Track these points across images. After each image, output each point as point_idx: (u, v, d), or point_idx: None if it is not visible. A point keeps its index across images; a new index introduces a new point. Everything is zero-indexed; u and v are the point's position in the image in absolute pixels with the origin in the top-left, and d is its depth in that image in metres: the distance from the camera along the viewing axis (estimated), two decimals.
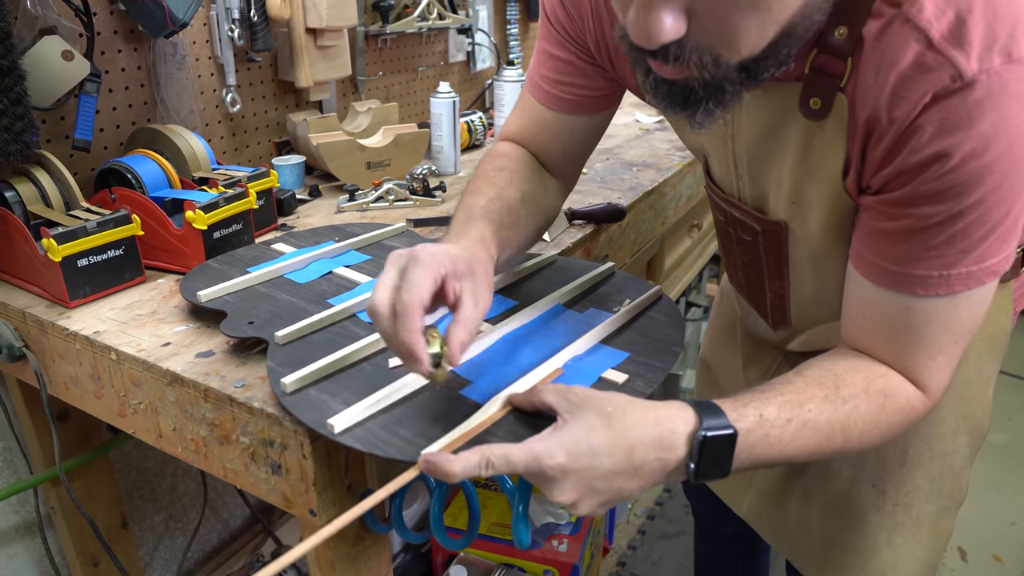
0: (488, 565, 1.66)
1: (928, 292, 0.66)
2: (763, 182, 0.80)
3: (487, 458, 0.58)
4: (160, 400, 0.81)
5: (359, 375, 0.73)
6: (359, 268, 0.97)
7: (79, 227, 0.90)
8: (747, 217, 0.84)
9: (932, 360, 0.70)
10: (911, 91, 0.60)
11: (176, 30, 1.08)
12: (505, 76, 1.67)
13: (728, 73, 0.60)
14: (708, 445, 0.61)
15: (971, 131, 0.58)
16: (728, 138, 0.80)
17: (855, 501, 0.98)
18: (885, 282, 0.68)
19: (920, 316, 0.67)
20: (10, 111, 0.90)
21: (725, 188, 0.87)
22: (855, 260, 0.72)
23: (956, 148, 0.59)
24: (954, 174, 0.60)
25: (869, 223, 0.69)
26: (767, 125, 0.74)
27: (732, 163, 0.82)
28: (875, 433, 0.69)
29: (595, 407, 0.61)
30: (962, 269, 0.64)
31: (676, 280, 1.86)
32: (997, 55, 0.57)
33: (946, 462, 0.95)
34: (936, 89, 0.59)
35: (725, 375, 1.20)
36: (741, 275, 0.96)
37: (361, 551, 0.81)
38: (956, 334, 0.69)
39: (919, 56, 0.59)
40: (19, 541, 1.23)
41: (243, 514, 1.64)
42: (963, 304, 0.66)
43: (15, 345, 0.94)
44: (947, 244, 0.63)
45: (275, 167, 1.35)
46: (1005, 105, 0.58)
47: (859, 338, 0.74)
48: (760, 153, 0.77)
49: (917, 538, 0.96)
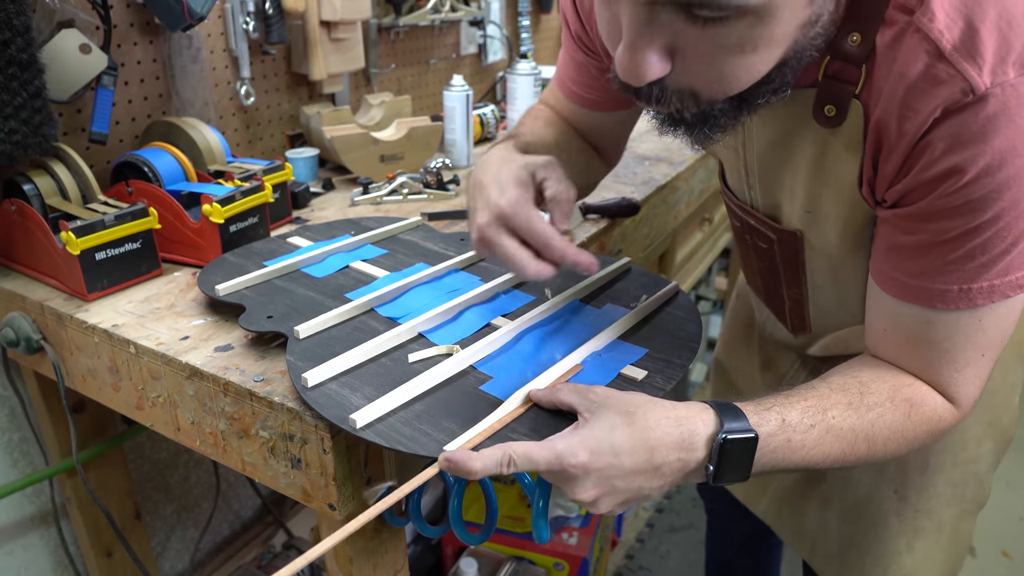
0: (498, 557, 1.66)
1: (948, 306, 0.65)
2: (776, 191, 0.79)
3: (508, 456, 0.58)
4: (179, 393, 0.82)
5: (379, 370, 0.73)
6: (376, 262, 0.97)
7: (97, 220, 0.90)
8: (762, 225, 0.84)
9: (959, 373, 0.68)
10: (921, 104, 0.59)
11: (194, 23, 1.08)
12: (518, 69, 1.67)
13: (717, 105, 0.60)
14: (728, 448, 0.60)
15: (985, 146, 0.57)
16: (739, 146, 0.79)
17: (875, 507, 0.96)
18: (905, 296, 0.67)
19: (942, 330, 0.66)
20: (29, 104, 0.90)
21: (738, 195, 0.86)
22: (875, 274, 0.71)
23: (970, 164, 0.57)
24: (969, 189, 0.58)
25: (887, 237, 0.68)
26: (780, 133, 0.73)
27: (744, 171, 0.81)
28: (900, 442, 0.68)
29: (616, 406, 0.61)
30: (983, 283, 0.63)
31: (687, 274, 1.86)
32: (1012, 67, 0.56)
33: (970, 468, 0.94)
34: (947, 103, 0.57)
35: (741, 377, 1.19)
36: (759, 280, 0.95)
37: (378, 544, 0.81)
38: (983, 347, 0.67)
39: (929, 68, 0.58)
40: (35, 531, 1.24)
41: (254, 505, 1.65)
42: (988, 317, 0.65)
43: (33, 338, 0.94)
44: (966, 258, 0.62)
45: (289, 160, 1.35)
46: (1021, 119, 0.56)
47: (884, 351, 0.73)
48: (772, 162, 0.76)
49: (939, 543, 0.95)
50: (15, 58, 0.88)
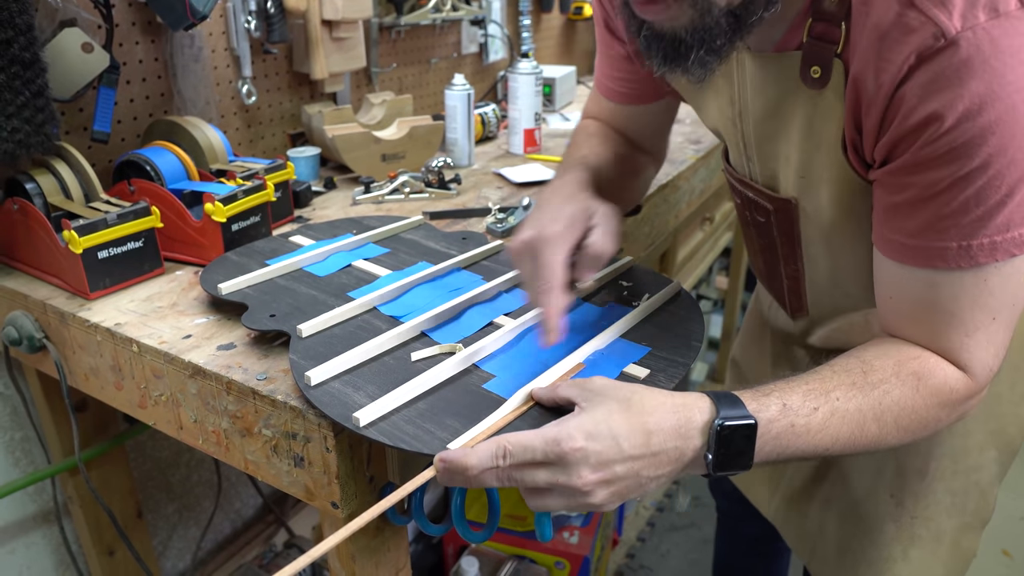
0: (500, 556, 1.67)
1: (950, 265, 0.63)
2: (772, 160, 0.79)
3: (503, 447, 0.57)
4: (181, 392, 0.82)
5: (382, 368, 0.73)
6: (378, 261, 0.97)
7: (100, 219, 0.90)
8: (760, 197, 0.84)
9: (969, 338, 0.66)
10: (895, 53, 0.59)
11: (196, 22, 1.08)
12: (519, 68, 1.67)
13: (716, 18, 0.61)
14: (725, 435, 0.59)
15: (962, 90, 0.56)
16: (736, 117, 0.80)
17: (872, 511, 0.95)
18: (905, 258, 0.66)
19: (946, 292, 0.65)
20: (32, 103, 0.91)
21: (738, 169, 0.87)
22: (876, 240, 0.70)
23: (948, 109, 0.57)
24: (951, 135, 0.58)
25: (882, 198, 0.67)
26: (773, 100, 0.73)
27: (742, 143, 0.82)
28: (913, 419, 0.66)
29: (613, 393, 0.60)
30: (983, 239, 0.61)
31: (688, 273, 1.87)
32: (982, 11, 0.56)
33: (971, 477, 0.92)
34: (920, 50, 0.57)
35: (755, 375, 1.19)
36: (760, 261, 0.95)
37: (380, 543, 0.82)
38: (992, 309, 0.65)
39: (900, 16, 0.58)
40: (37, 529, 1.24)
41: (255, 504, 1.65)
42: (993, 277, 0.63)
43: (35, 336, 0.94)
44: (960, 212, 0.61)
45: (291, 159, 1.35)
46: (997, 62, 0.56)
47: (892, 323, 0.72)
48: (767, 130, 0.76)
49: (936, 554, 0.93)
50: (18, 57, 0.88)
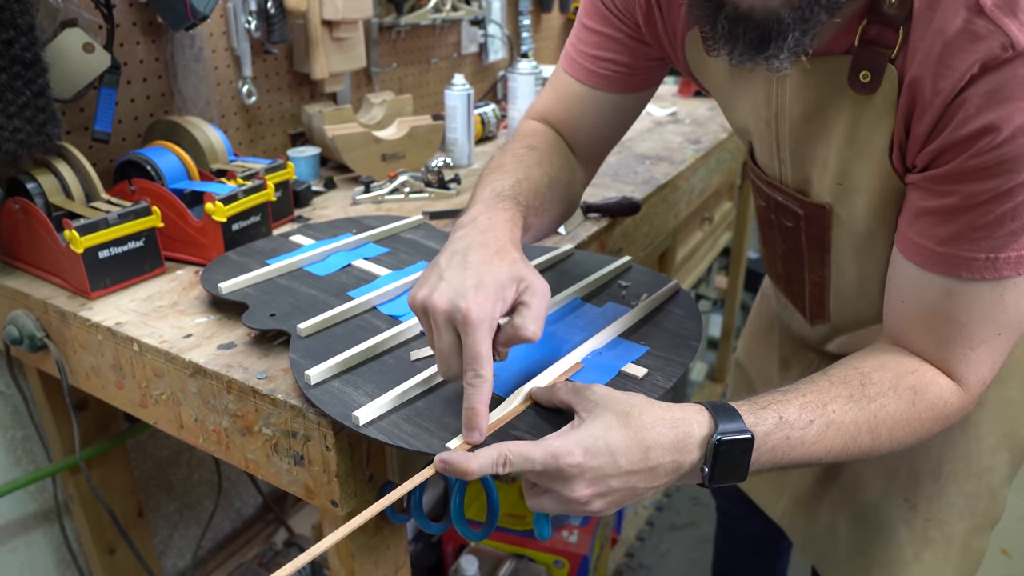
0: (498, 555, 1.67)
1: (973, 275, 0.63)
2: (807, 164, 0.78)
3: (504, 456, 0.58)
4: (182, 391, 0.82)
5: (381, 367, 0.74)
6: (378, 261, 0.98)
7: (101, 219, 0.91)
8: (790, 201, 0.82)
9: (972, 351, 0.67)
10: (958, 60, 0.58)
11: (197, 23, 1.08)
12: (518, 68, 1.67)
13: None
14: (723, 450, 0.60)
15: (1022, 104, 0.56)
16: (772, 118, 0.78)
17: (885, 514, 0.95)
18: (929, 264, 0.66)
19: (962, 302, 0.65)
20: (33, 103, 0.91)
21: (768, 171, 0.85)
22: (900, 242, 0.69)
23: (1005, 122, 0.57)
24: (1003, 149, 0.57)
25: (915, 202, 0.66)
26: (814, 103, 0.72)
27: (775, 145, 0.80)
28: (907, 431, 0.67)
29: (613, 406, 0.61)
30: (1011, 253, 0.61)
31: (687, 273, 1.87)
32: None
33: (984, 480, 0.92)
34: (985, 59, 0.57)
35: (760, 377, 1.18)
36: (780, 265, 0.94)
37: (380, 541, 0.82)
38: (1000, 325, 0.66)
39: (968, 23, 0.57)
40: (37, 528, 1.25)
41: (256, 503, 1.66)
42: (1010, 292, 0.64)
43: (36, 335, 0.95)
44: (995, 224, 0.61)
45: (291, 159, 1.35)
46: None
47: (898, 327, 0.72)
48: (805, 134, 0.75)
49: (947, 556, 0.93)
50: (19, 57, 0.88)
